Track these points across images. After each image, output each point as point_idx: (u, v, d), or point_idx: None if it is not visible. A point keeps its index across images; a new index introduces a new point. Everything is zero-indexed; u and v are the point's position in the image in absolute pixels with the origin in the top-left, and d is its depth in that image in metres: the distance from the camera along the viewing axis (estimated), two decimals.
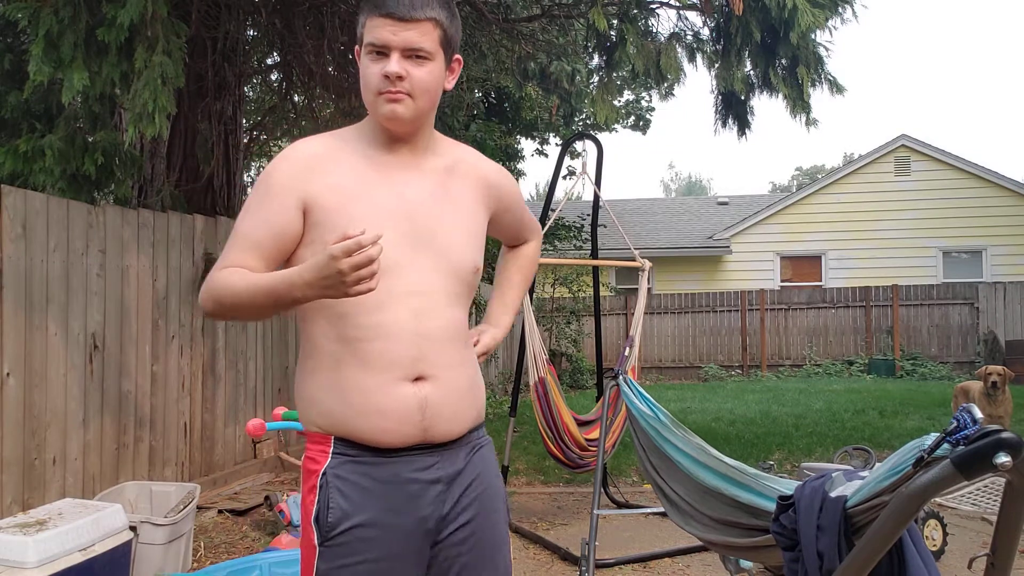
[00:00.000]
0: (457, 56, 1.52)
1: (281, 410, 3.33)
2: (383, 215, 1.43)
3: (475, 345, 1.66)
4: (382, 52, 1.41)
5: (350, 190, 1.45)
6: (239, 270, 1.41)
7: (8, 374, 3.61)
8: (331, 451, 1.44)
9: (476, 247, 1.55)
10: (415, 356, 1.43)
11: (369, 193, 1.46)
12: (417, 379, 1.44)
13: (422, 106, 1.45)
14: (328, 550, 1.39)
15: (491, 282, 1.92)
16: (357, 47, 1.49)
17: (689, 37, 6.59)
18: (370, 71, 1.43)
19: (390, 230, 1.40)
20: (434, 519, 1.45)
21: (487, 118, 12.02)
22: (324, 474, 1.42)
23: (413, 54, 1.41)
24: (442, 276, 1.48)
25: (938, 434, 1.49)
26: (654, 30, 6.73)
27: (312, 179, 1.44)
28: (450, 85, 1.53)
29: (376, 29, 1.40)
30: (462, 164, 1.60)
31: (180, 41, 3.87)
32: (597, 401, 4.90)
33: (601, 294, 6.03)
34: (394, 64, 1.40)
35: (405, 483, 1.43)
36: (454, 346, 1.50)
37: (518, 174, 15.76)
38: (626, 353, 4.43)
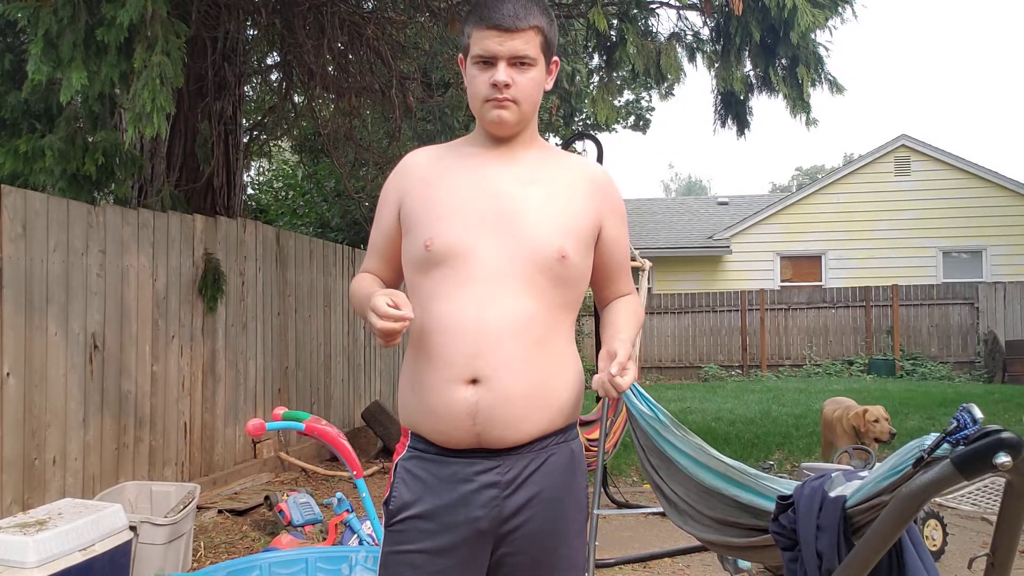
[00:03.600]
0: (555, 58, 1.57)
1: (281, 410, 3.32)
2: (460, 198, 1.50)
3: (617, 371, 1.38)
4: (489, 62, 1.48)
5: (433, 179, 1.55)
6: (364, 277, 1.65)
7: (8, 374, 3.61)
8: (408, 443, 1.55)
9: (564, 231, 1.48)
10: (472, 353, 1.42)
11: (450, 179, 1.54)
12: (473, 381, 1.43)
13: (526, 110, 1.51)
14: (389, 534, 1.51)
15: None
16: (461, 56, 1.56)
17: (689, 37, 6.59)
18: (478, 80, 1.49)
19: (467, 213, 1.48)
20: (488, 521, 1.45)
21: None
22: (397, 465, 1.56)
23: (518, 61, 1.47)
24: (516, 261, 1.45)
25: (938, 434, 1.49)
26: (654, 30, 6.72)
27: (407, 180, 1.59)
28: (549, 86, 1.58)
29: (483, 40, 1.47)
30: (563, 160, 1.60)
31: (180, 41, 3.86)
32: (597, 401, 4.90)
33: None
34: (501, 73, 1.46)
35: (460, 482, 1.46)
36: (519, 343, 1.43)
37: None
38: None
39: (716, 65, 6.43)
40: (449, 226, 1.48)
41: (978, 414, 1.44)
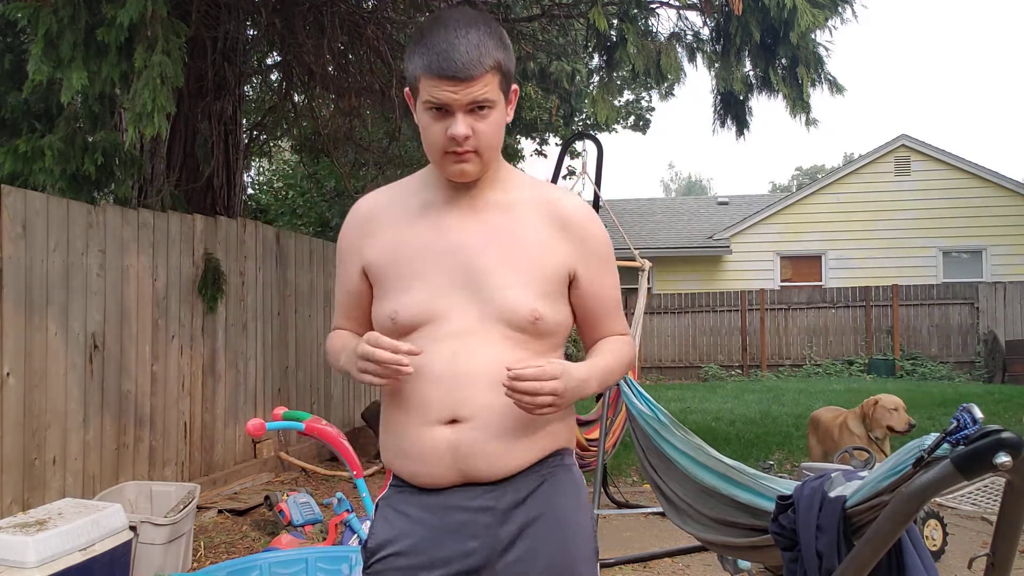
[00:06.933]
0: (514, 87, 1.42)
1: (281, 410, 3.32)
2: (425, 262, 1.40)
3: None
4: (443, 109, 1.32)
5: (395, 240, 1.43)
6: (337, 333, 1.57)
7: (8, 374, 3.61)
8: (390, 483, 1.46)
9: (536, 290, 1.37)
10: (447, 396, 1.34)
11: (413, 241, 1.42)
12: (451, 421, 1.34)
13: (489, 158, 1.38)
14: None
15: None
16: (408, 90, 1.40)
17: (689, 37, 6.59)
18: (433, 130, 1.34)
19: (432, 278, 1.38)
20: (482, 553, 1.34)
21: None
22: (378, 503, 1.46)
23: (476, 106, 1.32)
24: (489, 323, 1.36)
25: (938, 434, 1.49)
26: (654, 30, 6.73)
27: (365, 240, 1.47)
28: (511, 116, 1.43)
29: (434, 89, 1.31)
30: (532, 200, 1.45)
31: (180, 41, 3.87)
32: (597, 401, 4.90)
33: None
34: (460, 126, 1.31)
35: (451, 511, 1.36)
36: (499, 386, 1.31)
37: None
38: None
39: (716, 65, 6.43)
40: (413, 296, 1.38)
41: (978, 414, 1.45)
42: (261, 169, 13.37)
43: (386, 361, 1.29)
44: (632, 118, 15.47)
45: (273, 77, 8.05)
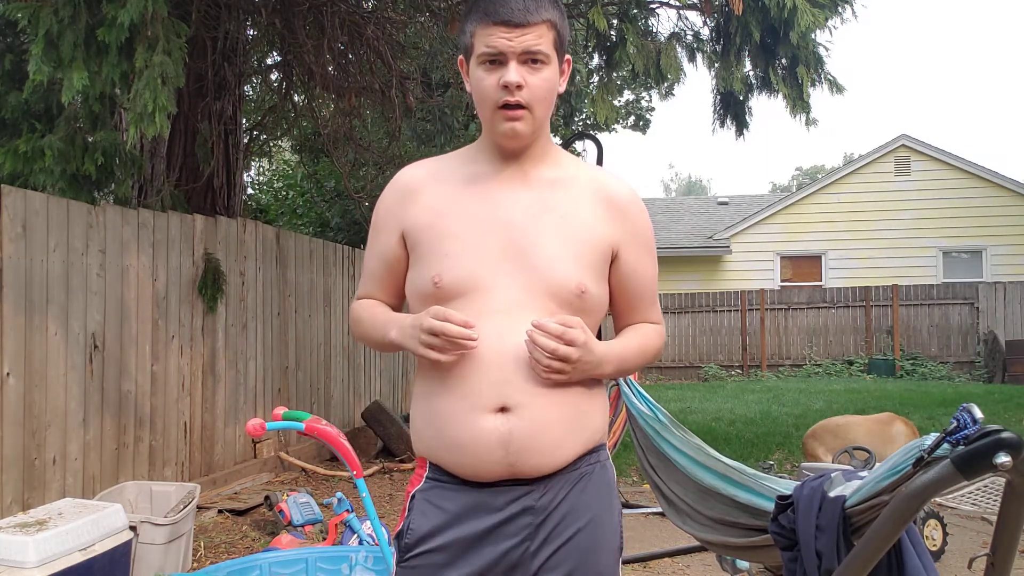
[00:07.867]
0: (568, 56, 1.45)
1: (281, 410, 3.32)
2: (473, 230, 1.39)
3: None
4: (497, 60, 1.35)
5: (442, 207, 1.43)
6: (369, 302, 1.53)
7: (8, 374, 3.61)
8: (426, 475, 1.43)
9: (583, 264, 1.38)
10: (498, 381, 1.32)
11: (460, 208, 1.42)
12: (501, 409, 1.33)
13: (540, 116, 1.39)
14: (402, 571, 1.39)
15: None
16: (461, 58, 1.43)
17: (689, 37, 6.59)
18: (486, 82, 1.36)
19: (479, 245, 1.38)
20: (518, 554, 1.34)
21: None
22: (413, 496, 1.42)
23: (529, 59, 1.34)
24: (536, 295, 1.35)
25: (938, 434, 1.49)
26: (654, 30, 6.73)
27: (408, 206, 1.46)
28: (563, 88, 1.44)
29: (489, 37, 1.34)
30: (580, 178, 1.46)
31: (180, 41, 3.87)
32: None
33: None
34: (512, 73, 1.33)
35: (490, 511, 1.35)
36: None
37: None
38: None
39: (716, 65, 6.43)
40: (459, 261, 1.37)
41: (978, 414, 1.45)
42: (261, 169, 13.36)
43: (455, 336, 1.29)
44: (632, 118, 15.47)
45: (273, 77, 8.05)
